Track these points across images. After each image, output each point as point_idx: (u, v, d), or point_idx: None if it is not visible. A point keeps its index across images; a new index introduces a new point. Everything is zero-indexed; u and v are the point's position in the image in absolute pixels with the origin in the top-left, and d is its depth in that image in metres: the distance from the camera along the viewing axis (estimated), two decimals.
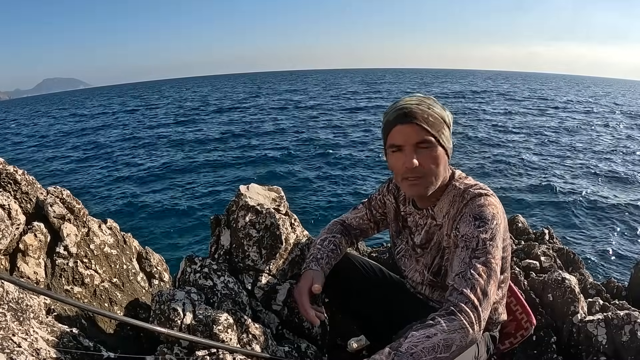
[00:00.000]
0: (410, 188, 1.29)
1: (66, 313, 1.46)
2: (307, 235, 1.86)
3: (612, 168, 15.29)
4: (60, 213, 1.71)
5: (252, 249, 1.69)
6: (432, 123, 1.24)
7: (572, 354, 1.98)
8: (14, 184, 1.66)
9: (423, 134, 1.23)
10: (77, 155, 19.88)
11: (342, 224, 1.66)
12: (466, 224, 1.23)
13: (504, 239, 1.27)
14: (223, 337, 1.30)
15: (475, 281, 1.14)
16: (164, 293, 1.40)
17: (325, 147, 18.16)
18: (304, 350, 1.60)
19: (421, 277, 1.45)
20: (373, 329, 1.59)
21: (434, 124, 1.24)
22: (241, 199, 1.75)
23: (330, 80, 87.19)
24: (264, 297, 1.66)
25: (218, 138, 21.72)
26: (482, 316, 1.11)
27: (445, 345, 1.06)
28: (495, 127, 23.16)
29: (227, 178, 14.28)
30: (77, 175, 16.05)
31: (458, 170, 1.39)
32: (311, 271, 1.48)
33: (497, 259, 1.19)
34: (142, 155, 18.71)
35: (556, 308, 2.09)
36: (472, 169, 14.24)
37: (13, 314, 1.15)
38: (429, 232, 1.40)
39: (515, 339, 1.60)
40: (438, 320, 1.09)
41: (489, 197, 1.26)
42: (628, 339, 1.88)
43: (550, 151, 17.76)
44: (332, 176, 13.84)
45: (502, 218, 1.26)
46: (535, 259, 2.58)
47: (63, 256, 1.67)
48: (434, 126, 1.24)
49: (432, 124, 1.24)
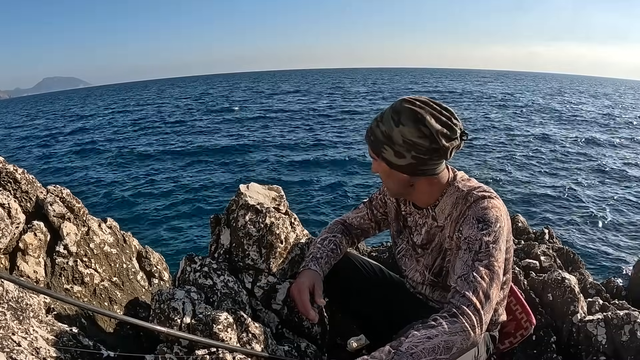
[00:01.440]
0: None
1: (66, 312, 1.46)
2: (307, 235, 1.86)
3: (612, 168, 15.29)
4: (60, 212, 1.71)
5: (252, 248, 1.69)
6: (372, 141, 1.31)
7: (572, 353, 1.98)
8: (14, 183, 1.66)
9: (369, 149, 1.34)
10: (77, 155, 19.88)
11: (343, 224, 1.66)
12: (469, 226, 1.23)
13: (507, 241, 1.27)
14: (223, 336, 1.30)
15: (477, 284, 1.14)
16: (164, 292, 1.40)
17: (326, 147, 18.16)
18: (304, 350, 1.59)
19: (421, 277, 1.45)
20: (373, 328, 1.59)
21: (374, 142, 1.30)
22: (241, 198, 1.75)
23: (331, 81, 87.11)
24: (263, 297, 1.66)
25: (218, 138, 21.71)
26: (484, 319, 1.11)
27: (445, 347, 1.06)
28: (495, 127, 23.15)
29: (227, 177, 14.29)
30: (77, 174, 16.05)
31: (460, 171, 1.38)
32: (310, 271, 1.48)
33: (500, 262, 1.19)
34: (142, 155, 18.71)
35: (556, 308, 2.09)
36: (472, 169, 14.23)
37: (13, 313, 1.15)
38: (430, 232, 1.40)
39: (515, 338, 1.60)
40: (440, 322, 1.09)
41: (492, 200, 1.25)
42: (628, 339, 1.88)
43: (550, 151, 17.76)
44: (333, 176, 13.84)
45: (505, 220, 1.25)
46: (535, 259, 2.58)
47: (63, 255, 1.67)
48: (374, 144, 1.30)
49: (372, 142, 1.31)
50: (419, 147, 1.22)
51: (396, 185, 1.36)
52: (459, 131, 1.24)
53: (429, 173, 1.29)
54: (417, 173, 1.29)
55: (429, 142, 1.21)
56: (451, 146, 1.23)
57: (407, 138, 1.22)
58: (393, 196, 1.49)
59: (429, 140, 1.21)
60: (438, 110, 1.23)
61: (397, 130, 1.23)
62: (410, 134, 1.21)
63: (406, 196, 1.42)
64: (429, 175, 1.30)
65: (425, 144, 1.21)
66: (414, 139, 1.21)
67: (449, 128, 1.22)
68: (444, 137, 1.21)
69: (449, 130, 1.22)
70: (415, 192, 1.37)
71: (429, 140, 1.21)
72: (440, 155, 1.25)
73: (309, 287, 1.43)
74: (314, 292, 1.44)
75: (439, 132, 1.20)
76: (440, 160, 1.28)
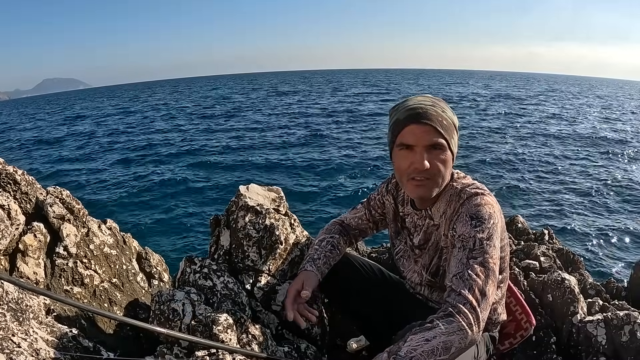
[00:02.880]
0: (415, 189, 1.27)
1: (66, 313, 1.46)
2: (307, 236, 1.86)
3: (612, 168, 15.30)
4: (59, 213, 1.71)
5: (251, 249, 1.69)
6: (446, 126, 1.23)
7: (572, 354, 1.98)
8: (14, 184, 1.66)
9: (437, 137, 1.22)
10: (77, 156, 19.87)
11: (340, 224, 1.66)
12: (463, 223, 1.22)
13: (501, 239, 1.26)
14: (223, 338, 1.30)
15: (472, 282, 1.13)
16: (164, 293, 1.40)
17: (325, 148, 18.16)
18: (304, 351, 1.60)
19: (420, 277, 1.45)
20: (372, 329, 1.59)
21: (447, 127, 1.23)
22: (241, 199, 1.75)
23: (331, 81, 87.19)
24: (263, 298, 1.66)
25: (217, 138, 21.72)
26: (481, 317, 1.11)
27: (444, 347, 1.06)
28: (495, 127, 23.16)
29: (226, 178, 14.28)
30: (76, 175, 16.05)
31: (456, 170, 1.39)
32: (305, 272, 1.48)
33: (495, 259, 1.19)
34: (141, 156, 18.70)
35: (556, 308, 2.09)
36: (471, 169, 14.24)
37: (13, 314, 1.15)
38: (427, 232, 1.40)
39: (515, 339, 1.60)
40: (436, 323, 1.09)
41: (485, 196, 1.25)
42: (628, 339, 1.88)
43: (549, 152, 17.76)
44: (332, 177, 13.83)
45: (499, 217, 1.25)
46: (534, 260, 2.58)
47: (63, 256, 1.67)
48: (447, 130, 1.23)
49: (446, 127, 1.23)
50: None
51: (448, 176, 1.30)
52: None
53: None
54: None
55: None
56: None
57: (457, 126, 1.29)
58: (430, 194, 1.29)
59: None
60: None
61: (455, 118, 1.29)
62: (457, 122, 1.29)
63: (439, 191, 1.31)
64: None
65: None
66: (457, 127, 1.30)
67: None
68: None
69: None
70: None
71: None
72: None
73: (297, 288, 1.43)
74: (303, 289, 1.42)
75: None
76: None
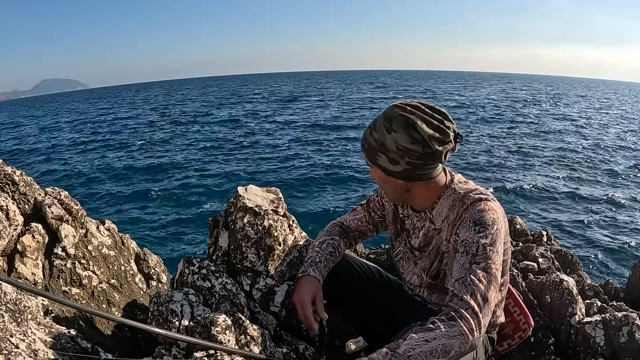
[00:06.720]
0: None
1: (64, 314, 1.46)
2: (306, 237, 1.86)
3: (611, 169, 15.32)
4: (58, 214, 1.71)
5: (250, 250, 1.69)
6: (367, 149, 1.31)
7: (570, 355, 1.98)
8: (12, 185, 1.66)
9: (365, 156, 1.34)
10: (76, 156, 19.84)
11: (340, 226, 1.66)
12: (466, 229, 1.23)
13: (504, 243, 1.27)
14: (221, 339, 1.30)
15: (475, 287, 1.14)
16: (162, 294, 1.40)
17: (324, 149, 18.16)
18: (302, 352, 1.60)
19: (419, 279, 1.45)
20: (371, 330, 1.59)
21: (369, 149, 1.30)
22: (239, 201, 1.75)
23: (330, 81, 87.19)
24: (262, 299, 1.66)
25: (216, 139, 21.71)
26: (483, 322, 1.12)
27: (443, 350, 1.06)
28: (495, 127, 23.19)
29: (225, 179, 14.27)
30: (75, 176, 16.02)
31: (458, 174, 1.39)
32: (310, 279, 1.48)
33: (498, 264, 1.19)
34: (141, 157, 18.69)
35: (554, 309, 2.09)
36: (471, 169, 14.25)
37: (11, 315, 1.15)
38: (428, 235, 1.40)
39: (513, 340, 1.60)
40: (438, 325, 1.09)
41: (489, 202, 1.25)
42: (626, 340, 1.88)
43: (549, 152, 17.79)
44: (331, 177, 13.84)
45: (502, 222, 1.26)
46: (533, 261, 2.58)
47: (61, 257, 1.66)
48: (369, 151, 1.30)
49: (367, 149, 1.31)
50: (412, 153, 1.22)
51: (393, 190, 1.36)
52: (452, 134, 1.23)
53: (424, 177, 1.29)
54: (413, 178, 1.29)
55: (422, 148, 1.21)
56: (445, 150, 1.23)
57: (400, 144, 1.22)
58: (392, 201, 1.50)
59: (422, 146, 1.21)
60: (429, 114, 1.22)
61: (390, 137, 1.23)
62: (403, 140, 1.21)
63: (404, 201, 1.43)
64: (425, 179, 1.30)
65: (418, 150, 1.21)
66: (406, 145, 1.21)
67: (441, 132, 1.21)
68: (437, 142, 1.21)
69: (441, 134, 1.21)
70: (412, 197, 1.37)
71: (421, 145, 1.21)
72: (434, 160, 1.24)
73: (311, 299, 1.44)
74: (317, 305, 1.45)
75: (431, 137, 1.20)
76: (435, 164, 1.27)
